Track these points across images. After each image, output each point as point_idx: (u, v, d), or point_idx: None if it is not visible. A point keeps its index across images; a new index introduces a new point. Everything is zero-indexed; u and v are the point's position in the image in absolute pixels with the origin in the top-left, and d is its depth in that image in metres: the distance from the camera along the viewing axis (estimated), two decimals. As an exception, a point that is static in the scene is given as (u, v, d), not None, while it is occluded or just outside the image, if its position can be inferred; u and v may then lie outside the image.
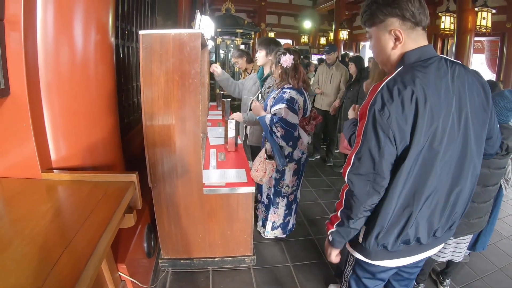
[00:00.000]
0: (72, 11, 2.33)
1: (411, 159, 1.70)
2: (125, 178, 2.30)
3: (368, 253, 2.04)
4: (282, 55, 3.66)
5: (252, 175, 3.63)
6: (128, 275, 2.65)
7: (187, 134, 3.01)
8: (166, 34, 2.75)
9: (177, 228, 3.44)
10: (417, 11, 1.71)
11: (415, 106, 1.62)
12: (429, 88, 1.65)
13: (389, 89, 1.66)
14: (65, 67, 2.36)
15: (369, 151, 1.72)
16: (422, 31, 1.79)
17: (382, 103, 1.65)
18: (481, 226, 3.32)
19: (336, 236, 1.99)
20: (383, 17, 1.76)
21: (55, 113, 2.39)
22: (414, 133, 1.65)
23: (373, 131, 1.68)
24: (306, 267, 3.92)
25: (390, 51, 1.83)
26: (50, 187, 2.25)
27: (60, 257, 1.48)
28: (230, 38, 9.04)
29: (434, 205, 1.86)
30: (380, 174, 1.73)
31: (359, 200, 1.80)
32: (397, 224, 1.85)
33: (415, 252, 2.04)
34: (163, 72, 2.81)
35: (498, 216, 5.25)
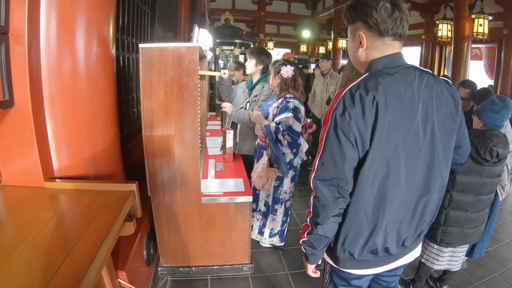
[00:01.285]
0: (74, 25, 2.40)
1: (371, 165, 1.71)
2: (125, 187, 2.36)
3: (337, 260, 2.04)
4: (283, 66, 3.73)
5: (254, 182, 3.70)
6: (128, 282, 2.69)
7: (185, 145, 3.06)
8: (165, 48, 2.80)
9: (176, 236, 3.47)
10: (382, 20, 1.69)
11: (375, 112, 1.64)
12: (392, 96, 1.67)
13: (351, 94, 1.68)
14: (67, 79, 2.43)
15: (332, 156, 1.73)
16: (392, 41, 1.77)
17: (344, 108, 1.66)
18: (477, 236, 3.33)
19: (307, 245, 1.97)
20: (353, 19, 1.80)
21: (57, 124, 2.45)
22: (373, 139, 1.66)
23: (335, 135, 1.69)
24: (303, 275, 3.83)
25: (356, 53, 1.86)
26: (52, 195, 2.30)
27: (62, 263, 1.54)
28: (229, 48, 9.09)
29: (402, 214, 1.85)
30: (343, 179, 1.74)
31: (325, 205, 1.79)
32: (363, 232, 1.86)
33: (384, 262, 2.04)
34: (162, 85, 2.86)
35: (496, 222, 5.26)
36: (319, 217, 1.83)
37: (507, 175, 3.82)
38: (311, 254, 2.00)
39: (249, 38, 9.37)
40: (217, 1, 18.82)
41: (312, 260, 2.06)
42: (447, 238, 3.23)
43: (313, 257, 2.03)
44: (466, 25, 9.99)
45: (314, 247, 1.93)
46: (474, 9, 10.09)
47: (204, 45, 3.78)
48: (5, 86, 2.08)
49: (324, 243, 1.92)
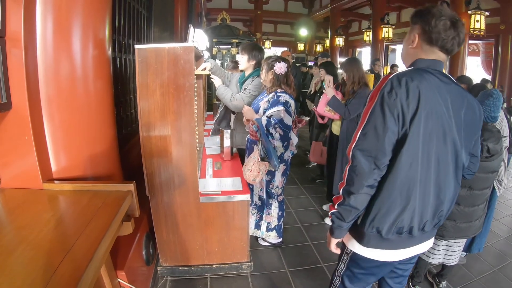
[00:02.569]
0: (70, 27, 2.42)
1: (410, 145, 1.86)
2: (123, 187, 2.38)
3: (362, 238, 2.14)
4: (277, 62, 3.78)
5: (246, 175, 3.72)
6: (127, 282, 2.70)
7: (183, 145, 3.07)
8: (160, 48, 2.81)
9: (175, 236, 3.49)
10: (437, 31, 1.92)
11: (417, 98, 1.82)
12: (431, 90, 1.87)
13: (398, 78, 1.87)
14: (64, 81, 2.44)
15: (375, 127, 1.89)
16: (438, 51, 1.99)
17: (391, 87, 1.85)
18: (473, 231, 3.34)
19: (336, 216, 2.08)
20: (415, 21, 2.03)
21: (55, 126, 2.47)
22: (413, 122, 1.83)
23: (380, 109, 1.87)
24: (303, 273, 3.95)
25: (406, 49, 2.13)
26: (51, 197, 2.32)
27: (61, 262, 1.56)
28: (226, 47, 9.11)
29: (428, 198, 1.99)
30: (382, 150, 1.88)
31: (361, 174, 1.92)
32: (395, 209, 1.96)
33: (404, 245, 2.14)
34: (158, 85, 2.87)
35: (495, 217, 5.31)
36: (353, 186, 1.95)
37: (504, 170, 3.83)
38: (338, 227, 2.12)
39: (246, 38, 9.40)
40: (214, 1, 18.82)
41: (337, 234, 2.18)
42: (440, 231, 3.24)
43: (339, 230, 2.15)
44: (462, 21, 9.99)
45: (343, 218, 2.05)
46: (471, 5, 10.12)
47: (200, 45, 3.80)
48: (2, 89, 2.09)
49: (353, 215, 2.03)
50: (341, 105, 4.71)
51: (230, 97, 4.32)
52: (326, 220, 5.22)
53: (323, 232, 4.92)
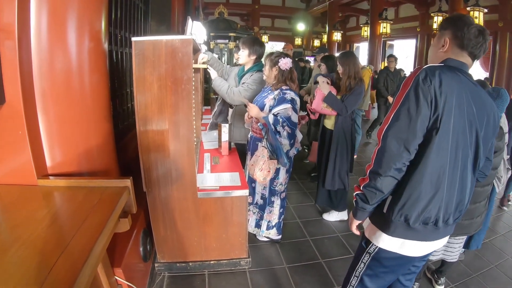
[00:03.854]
0: (65, 19, 2.36)
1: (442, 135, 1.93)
2: (119, 183, 2.34)
3: (388, 226, 2.17)
4: (282, 58, 3.76)
5: (256, 175, 3.70)
6: (125, 279, 2.68)
7: (180, 139, 3.03)
8: (158, 41, 2.77)
9: (173, 232, 3.46)
10: (468, 38, 2.05)
11: (450, 89, 1.91)
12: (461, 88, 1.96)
13: (432, 69, 1.96)
14: (59, 74, 2.39)
15: (408, 110, 1.95)
16: (467, 56, 2.11)
17: (426, 74, 1.93)
18: (474, 228, 3.34)
19: (360, 198, 2.15)
20: (446, 26, 2.16)
21: (50, 120, 2.42)
22: (444, 110, 1.91)
23: (414, 94, 1.93)
24: (301, 268, 3.94)
25: (436, 53, 2.21)
26: (46, 193, 2.28)
27: (57, 261, 1.52)
28: (224, 42, 9.09)
29: (453, 189, 2.06)
30: (413, 133, 1.94)
31: (390, 156, 1.98)
32: (424, 197, 2.02)
33: (428, 237, 2.18)
34: (156, 78, 2.83)
35: (493, 214, 5.40)
36: (381, 167, 2.01)
37: (503, 167, 3.83)
38: (361, 208, 2.19)
39: (244, 32, 9.37)
40: (211, -5, 18.79)
41: (360, 216, 2.26)
42: None
43: (361, 212, 2.23)
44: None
45: (367, 200, 2.12)
46: (469, 1, 10.18)
47: (198, 38, 3.76)
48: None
49: (377, 198, 2.10)
50: (338, 101, 4.68)
51: (226, 89, 4.28)
52: (324, 215, 5.22)
53: (321, 227, 4.94)
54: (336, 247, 4.43)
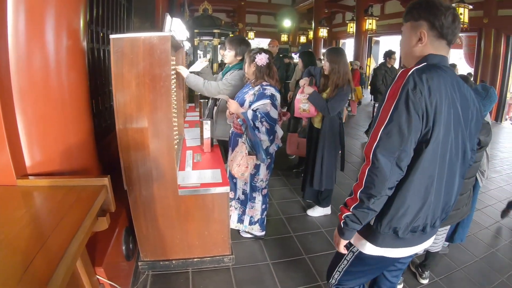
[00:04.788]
0: (43, 18, 2.35)
1: (433, 145, 1.84)
2: (97, 182, 2.33)
3: (376, 238, 2.11)
4: (257, 54, 3.75)
5: (234, 170, 3.71)
6: (106, 278, 2.66)
7: (160, 137, 3.02)
8: (136, 38, 2.76)
9: (155, 230, 3.46)
10: (447, 25, 1.90)
11: (439, 96, 1.79)
12: (447, 88, 1.85)
13: (419, 75, 1.80)
14: (37, 73, 2.38)
15: (399, 126, 1.80)
16: (446, 45, 1.99)
17: (415, 84, 1.77)
18: (460, 216, 3.37)
19: (351, 220, 2.01)
20: (418, 17, 1.96)
21: (29, 120, 2.41)
22: (435, 121, 1.80)
23: (405, 107, 1.78)
24: (285, 264, 3.95)
25: (411, 48, 2.02)
26: (25, 193, 2.27)
27: (34, 259, 1.53)
28: (208, 38, 9.07)
29: (440, 193, 2.00)
30: (405, 150, 1.82)
31: (383, 176, 1.85)
32: (414, 208, 1.96)
33: (416, 242, 2.15)
34: (134, 76, 2.82)
35: (478, 207, 5.43)
36: (375, 188, 1.88)
37: (486, 161, 3.85)
38: (351, 229, 2.07)
39: (228, 28, 9.36)
40: (197, -9, 18.78)
41: (348, 236, 2.12)
42: None
43: (350, 232, 2.10)
44: None
45: (359, 221, 2.00)
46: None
47: (178, 35, 3.74)
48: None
49: (369, 217, 1.99)
50: (322, 102, 4.61)
51: (203, 83, 4.25)
52: (308, 211, 5.22)
53: (305, 223, 4.96)
54: (320, 242, 4.44)
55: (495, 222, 5.32)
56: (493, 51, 13.00)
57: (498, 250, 4.52)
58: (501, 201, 6.12)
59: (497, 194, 6.54)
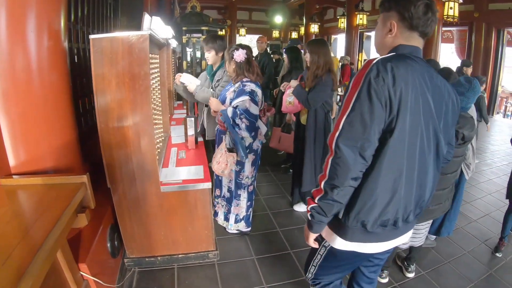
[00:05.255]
0: (24, 20, 2.38)
1: (398, 136, 1.79)
2: (76, 179, 2.38)
3: (345, 232, 2.08)
4: (235, 51, 3.77)
5: (214, 168, 3.74)
6: (90, 275, 2.70)
7: (141, 134, 3.05)
8: (115, 37, 2.77)
9: (139, 227, 3.49)
10: (417, 16, 1.87)
11: (403, 86, 1.75)
12: (416, 79, 1.82)
13: (383, 63, 1.78)
14: (19, 75, 2.41)
15: (361, 115, 1.78)
16: (418, 37, 1.96)
17: (378, 72, 1.75)
18: (442, 211, 3.38)
19: (317, 211, 1.99)
20: (389, 8, 1.96)
21: (12, 121, 2.45)
22: (399, 110, 1.76)
23: (367, 96, 1.76)
24: (270, 259, 3.99)
25: (383, 38, 2.02)
26: (8, 192, 2.31)
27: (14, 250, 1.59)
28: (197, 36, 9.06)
29: (411, 188, 1.95)
30: (368, 140, 1.78)
31: (346, 166, 1.82)
32: (381, 201, 1.91)
33: (389, 237, 2.12)
34: (114, 75, 2.83)
35: (467, 200, 5.51)
36: (338, 179, 1.85)
37: (472, 154, 3.87)
38: (318, 222, 2.04)
39: (216, 25, 9.33)
40: (187, -12, 18.76)
41: (316, 229, 2.11)
42: None
43: (318, 225, 2.08)
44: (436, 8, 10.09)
45: (325, 213, 1.97)
46: (445, -8, 10.21)
47: (160, 33, 3.76)
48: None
49: (335, 209, 1.96)
50: (303, 93, 4.58)
51: (211, 94, 4.28)
52: (295, 207, 5.26)
53: (291, 218, 4.99)
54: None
55: (484, 215, 5.36)
56: (484, 45, 13.05)
57: (487, 243, 4.54)
58: (490, 194, 6.21)
59: (486, 187, 6.59)
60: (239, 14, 22.63)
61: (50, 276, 2.12)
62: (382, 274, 3.70)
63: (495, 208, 5.58)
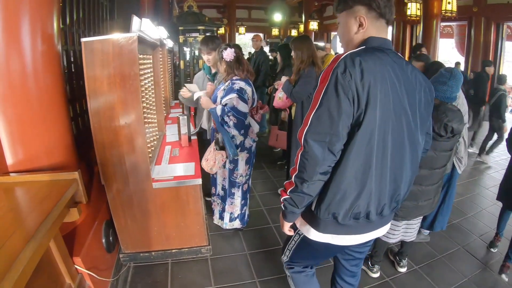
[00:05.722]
0: (18, 26, 2.50)
1: (366, 129, 1.82)
2: (68, 176, 2.50)
3: (317, 224, 2.12)
4: (224, 50, 3.81)
5: (203, 165, 3.81)
6: (84, 268, 2.80)
7: (132, 133, 3.14)
8: (106, 40, 2.87)
9: (133, 222, 3.58)
10: (383, 4, 1.90)
11: (372, 80, 1.78)
12: (386, 72, 1.85)
13: (352, 58, 1.80)
14: (15, 78, 2.55)
15: (329, 110, 1.81)
16: (385, 24, 1.99)
17: (345, 67, 1.78)
18: (431, 207, 3.39)
19: (288, 203, 2.04)
20: (352, 3, 1.95)
21: (9, 121, 2.59)
22: (368, 104, 1.79)
23: (334, 91, 1.79)
24: (262, 255, 4.05)
25: (353, 35, 2.00)
26: (5, 189, 2.44)
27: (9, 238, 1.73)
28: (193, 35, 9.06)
29: (383, 182, 1.98)
30: (336, 134, 1.81)
31: (314, 161, 1.85)
32: (351, 194, 1.93)
33: (362, 230, 2.15)
34: (105, 76, 2.93)
35: (462, 195, 5.53)
36: (306, 173, 1.90)
37: (463, 148, 3.89)
38: (291, 212, 2.11)
39: (213, 24, 9.34)
40: (186, -12, 18.73)
41: (289, 218, 2.19)
42: (402, 212, 3.28)
43: (291, 216, 2.15)
44: (434, 3, 10.03)
45: (296, 205, 2.02)
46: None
47: (152, 34, 3.83)
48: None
49: (306, 201, 2.00)
50: (289, 88, 4.70)
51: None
52: None
53: (285, 214, 4.99)
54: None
55: (481, 209, 5.38)
56: (484, 40, 12.85)
57: (482, 238, 4.55)
58: (487, 188, 6.23)
59: (485, 181, 6.62)
60: (238, 13, 22.58)
61: (46, 268, 2.28)
62: (373, 269, 3.73)
63: (492, 202, 5.54)
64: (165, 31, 5.02)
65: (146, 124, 3.58)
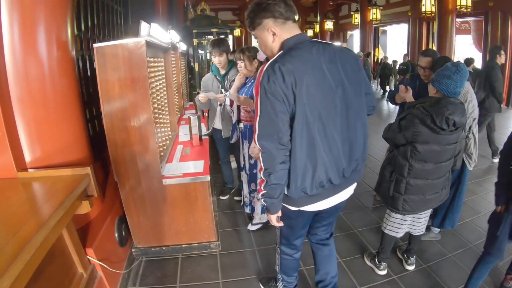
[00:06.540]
0: (35, 34, 2.74)
1: (298, 119, 2.15)
2: (81, 171, 2.72)
3: (294, 201, 2.44)
4: (258, 53, 4.07)
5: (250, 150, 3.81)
6: (96, 259, 2.98)
7: (142, 132, 3.29)
8: (116, 45, 3.04)
9: (145, 218, 3.73)
10: (284, 10, 2.20)
11: (293, 78, 2.09)
12: (304, 63, 2.15)
13: (272, 67, 2.11)
14: (33, 82, 2.79)
15: (268, 115, 2.14)
16: (293, 24, 2.29)
17: (268, 77, 2.10)
18: (439, 200, 3.37)
19: (266, 196, 2.34)
20: (260, 20, 2.27)
21: (28, 122, 2.81)
22: (296, 98, 2.11)
23: (266, 99, 2.12)
24: (271, 251, 4.01)
25: (271, 43, 2.32)
26: (24, 183, 2.67)
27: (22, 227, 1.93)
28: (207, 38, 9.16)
29: (335, 153, 2.31)
30: (280, 131, 2.15)
31: (271, 155, 2.18)
32: (308, 171, 2.27)
33: (330, 194, 2.47)
34: (116, 79, 3.10)
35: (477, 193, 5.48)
36: (270, 166, 2.22)
37: (473, 144, 3.84)
38: (271, 204, 2.39)
39: (226, 27, 9.44)
40: (200, -9, 18.85)
41: (273, 210, 2.45)
42: (409, 206, 3.29)
43: (273, 207, 2.43)
44: None
45: (272, 195, 2.32)
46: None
47: (162, 38, 3.99)
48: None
49: (279, 190, 2.30)
50: None
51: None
52: None
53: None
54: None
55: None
56: (501, 34, 12.70)
57: None
58: (501, 187, 6.04)
59: (498, 179, 6.44)
60: (254, 14, 22.65)
61: (59, 257, 2.49)
62: (380, 266, 3.72)
63: (506, 201, 5.36)
64: (177, 35, 5.15)
65: (158, 124, 3.78)
